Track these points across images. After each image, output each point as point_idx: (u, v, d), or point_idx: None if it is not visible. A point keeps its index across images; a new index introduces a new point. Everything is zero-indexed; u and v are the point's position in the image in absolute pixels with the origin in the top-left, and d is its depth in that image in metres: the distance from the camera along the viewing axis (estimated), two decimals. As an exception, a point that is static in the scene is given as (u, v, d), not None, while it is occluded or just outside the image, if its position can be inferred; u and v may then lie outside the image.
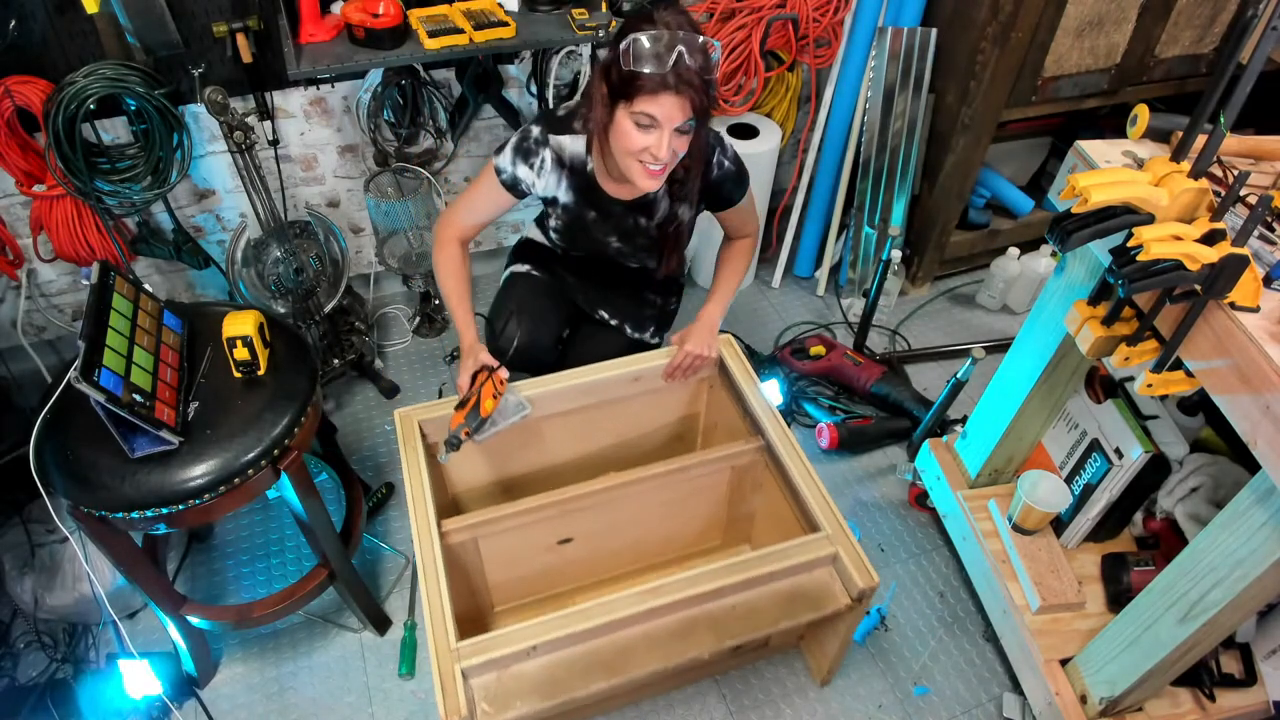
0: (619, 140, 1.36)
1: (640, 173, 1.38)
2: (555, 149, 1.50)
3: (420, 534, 1.41)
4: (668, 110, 1.28)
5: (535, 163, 1.50)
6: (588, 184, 1.53)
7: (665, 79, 1.25)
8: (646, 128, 1.31)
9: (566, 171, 1.52)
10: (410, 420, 1.57)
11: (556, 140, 1.49)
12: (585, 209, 1.57)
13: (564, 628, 1.30)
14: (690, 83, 1.27)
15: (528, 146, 1.50)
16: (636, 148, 1.33)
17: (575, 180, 1.53)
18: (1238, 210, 1.20)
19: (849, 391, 2.38)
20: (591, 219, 1.59)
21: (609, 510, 1.63)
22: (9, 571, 1.79)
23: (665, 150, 1.32)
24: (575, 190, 1.54)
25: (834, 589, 1.43)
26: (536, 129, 1.50)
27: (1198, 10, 2.25)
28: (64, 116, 1.74)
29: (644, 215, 1.59)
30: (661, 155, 1.33)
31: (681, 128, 1.32)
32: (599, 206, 1.57)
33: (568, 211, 1.59)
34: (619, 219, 1.59)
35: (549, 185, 1.53)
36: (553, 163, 1.50)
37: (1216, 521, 1.21)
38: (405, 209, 2.23)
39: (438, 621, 1.28)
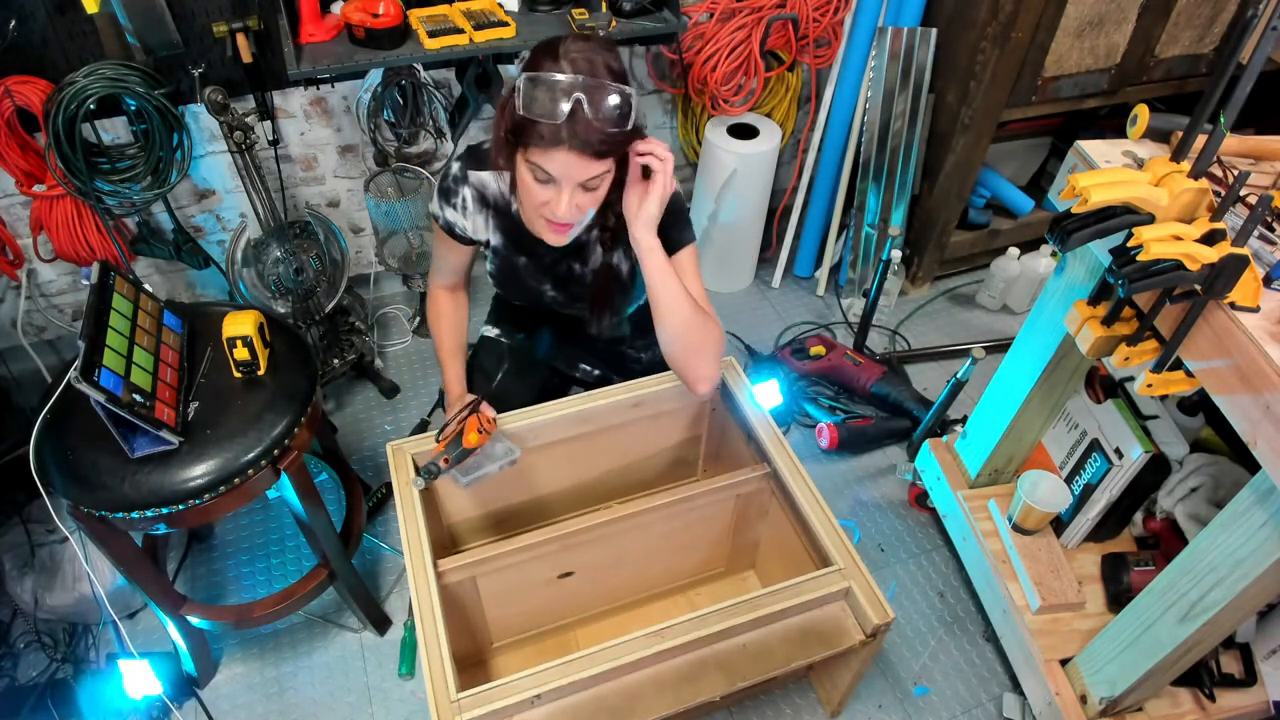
0: (519, 190, 1.20)
1: (544, 228, 1.22)
2: (476, 186, 1.34)
3: (416, 575, 1.35)
4: (563, 166, 1.10)
5: (457, 203, 1.36)
6: (514, 225, 1.36)
7: (558, 133, 1.07)
8: (544, 182, 1.14)
9: (491, 212, 1.37)
10: (403, 453, 1.52)
11: (477, 177, 1.34)
12: (515, 254, 1.42)
13: (568, 675, 1.25)
14: (588, 140, 1.07)
15: (447, 186, 1.35)
16: (535, 202, 1.17)
17: (501, 221, 1.38)
18: (1238, 210, 1.20)
19: (849, 391, 2.38)
20: (522, 265, 1.44)
21: (610, 543, 1.59)
22: (9, 571, 1.79)
23: (565, 208, 1.14)
24: (502, 231, 1.39)
25: (847, 625, 1.39)
26: (456, 165, 1.34)
27: (1198, 10, 2.25)
28: (64, 116, 1.74)
29: (577, 260, 1.44)
30: (560, 213, 1.15)
31: (588, 184, 1.14)
32: (528, 251, 1.41)
33: (498, 255, 1.44)
34: (551, 265, 1.44)
35: (477, 227, 1.38)
36: (475, 202, 1.35)
37: (1216, 521, 1.21)
38: (405, 209, 2.23)
39: (437, 672, 1.24)
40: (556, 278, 1.47)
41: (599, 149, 1.10)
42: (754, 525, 1.74)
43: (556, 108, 1.06)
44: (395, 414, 2.35)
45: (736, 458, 1.73)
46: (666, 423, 1.75)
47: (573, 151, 1.08)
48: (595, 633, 1.80)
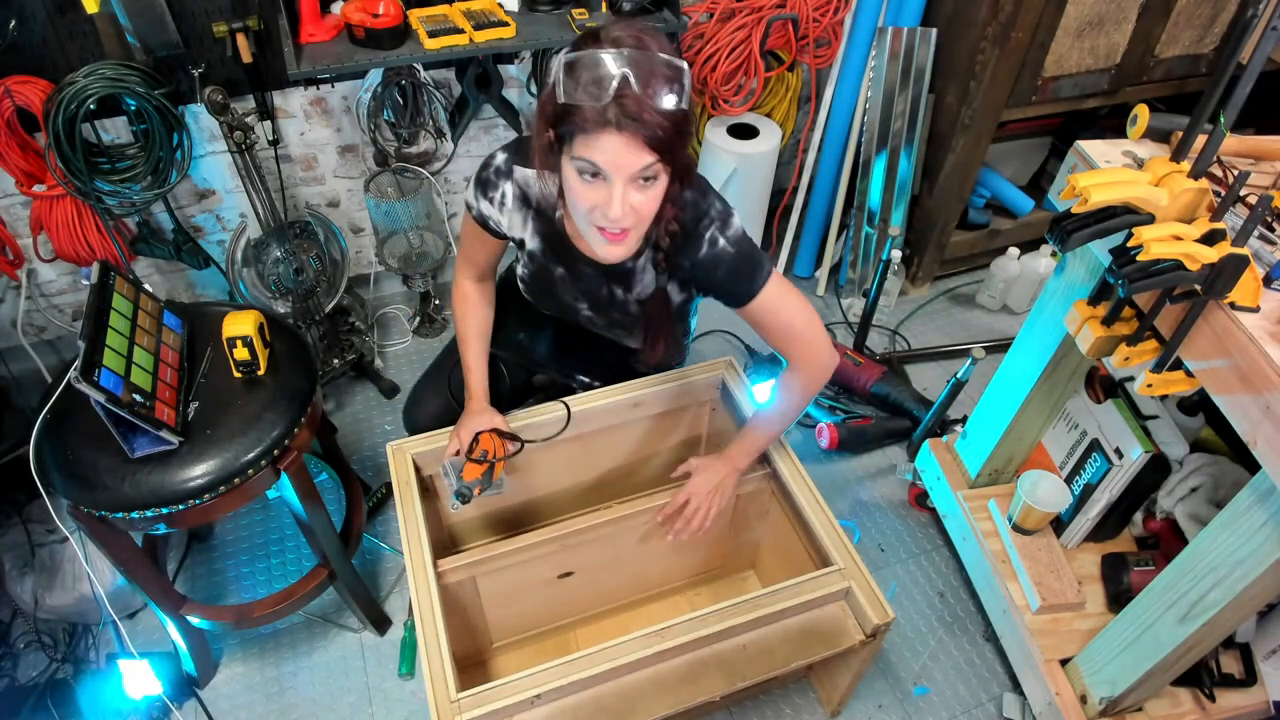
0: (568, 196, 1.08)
1: (597, 239, 1.09)
2: (520, 183, 1.23)
3: (416, 575, 1.35)
4: (612, 154, 0.97)
5: (495, 197, 1.25)
6: (556, 234, 1.25)
7: (604, 113, 0.95)
8: (592, 179, 1.02)
9: (532, 213, 1.25)
10: (403, 453, 1.52)
11: (522, 174, 1.22)
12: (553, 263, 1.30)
13: (568, 675, 1.24)
14: (638, 117, 0.95)
15: (487, 177, 1.25)
16: (586, 206, 1.04)
17: (542, 224, 1.26)
18: (1238, 210, 1.20)
19: (849, 391, 2.38)
20: (559, 276, 1.32)
21: (610, 543, 1.59)
22: (9, 571, 1.79)
23: (618, 207, 1.01)
24: (541, 236, 1.27)
25: (847, 625, 1.39)
26: (502, 157, 1.24)
27: (1198, 10, 2.25)
28: (64, 116, 1.74)
29: (621, 285, 1.31)
30: (614, 214, 1.01)
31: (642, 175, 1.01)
32: (568, 263, 1.29)
33: (534, 261, 1.32)
34: (590, 284, 1.32)
35: (514, 225, 1.27)
36: (515, 199, 1.24)
37: (1216, 521, 1.21)
38: (405, 209, 2.23)
39: (437, 672, 1.24)
40: (596, 300, 1.35)
41: (651, 132, 0.96)
42: (754, 525, 1.74)
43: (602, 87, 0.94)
44: (395, 414, 2.35)
45: (737, 458, 1.73)
46: (666, 423, 1.75)
47: (622, 134, 0.96)
48: (595, 633, 1.80)
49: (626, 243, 1.10)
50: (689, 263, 1.24)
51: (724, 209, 1.25)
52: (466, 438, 1.43)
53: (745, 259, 1.24)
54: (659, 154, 0.99)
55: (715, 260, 1.22)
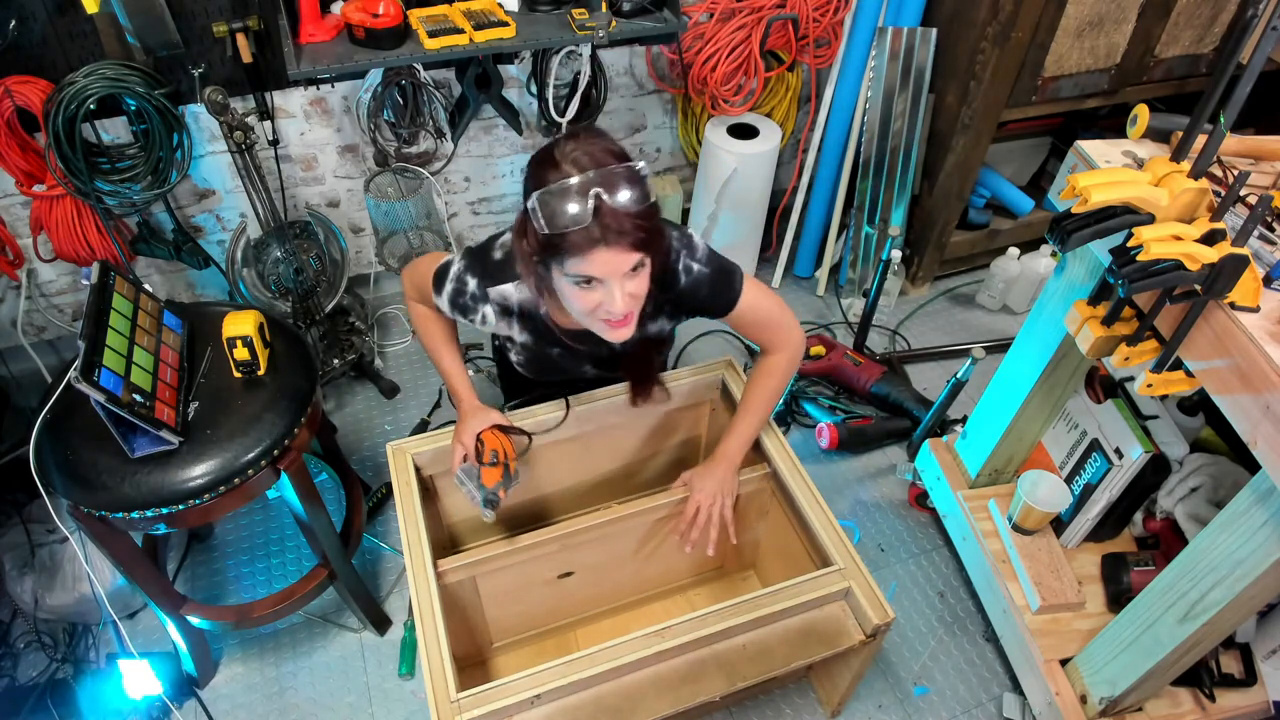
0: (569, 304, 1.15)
1: (604, 329, 1.17)
2: (498, 301, 1.29)
3: (416, 575, 1.35)
4: (605, 265, 1.05)
5: (475, 319, 1.31)
6: (542, 324, 1.33)
7: (590, 234, 1.02)
8: (589, 286, 1.09)
9: (516, 318, 1.32)
10: (403, 453, 1.52)
11: (497, 292, 1.28)
12: (547, 348, 1.38)
13: (568, 675, 1.24)
14: (622, 231, 1.03)
15: (464, 304, 1.30)
16: (589, 308, 1.12)
17: (529, 324, 1.34)
18: (1238, 210, 1.20)
19: (849, 391, 2.38)
20: (557, 355, 1.40)
21: (610, 543, 1.59)
22: (9, 571, 1.79)
23: (620, 303, 1.09)
24: (531, 332, 1.35)
25: (847, 625, 1.39)
26: (472, 283, 1.28)
27: (1198, 10, 2.25)
28: (64, 116, 1.74)
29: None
30: (617, 310, 1.10)
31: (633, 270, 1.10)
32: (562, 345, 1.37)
33: (528, 350, 1.40)
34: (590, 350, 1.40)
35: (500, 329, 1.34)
36: (497, 314, 1.30)
37: (1216, 521, 1.21)
38: (405, 209, 2.23)
39: (437, 672, 1.24)
40: (597, 359, 1.44)
41: (635, 236, 1.05)
42: (754, 525, 1.74)
43: (581, 212, 1.02)
44: (395, 414, 2.35)
45: (737, 458, 1.73)
46: (666, 423, 1.75)
47: (611, 248, 1.04)
48: (595, 633, 1.80)
49: (630, 324, 1.17)
50: (673, 295, 1.32)
51: (682, 235, 1.32)
52: (470, 442, 1.42)
53: (720, 273, 1.32)
54: (643, 250, 1.08)
55: (695, 285, 1.30)
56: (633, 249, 1.06)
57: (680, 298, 1.32)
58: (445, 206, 2.53)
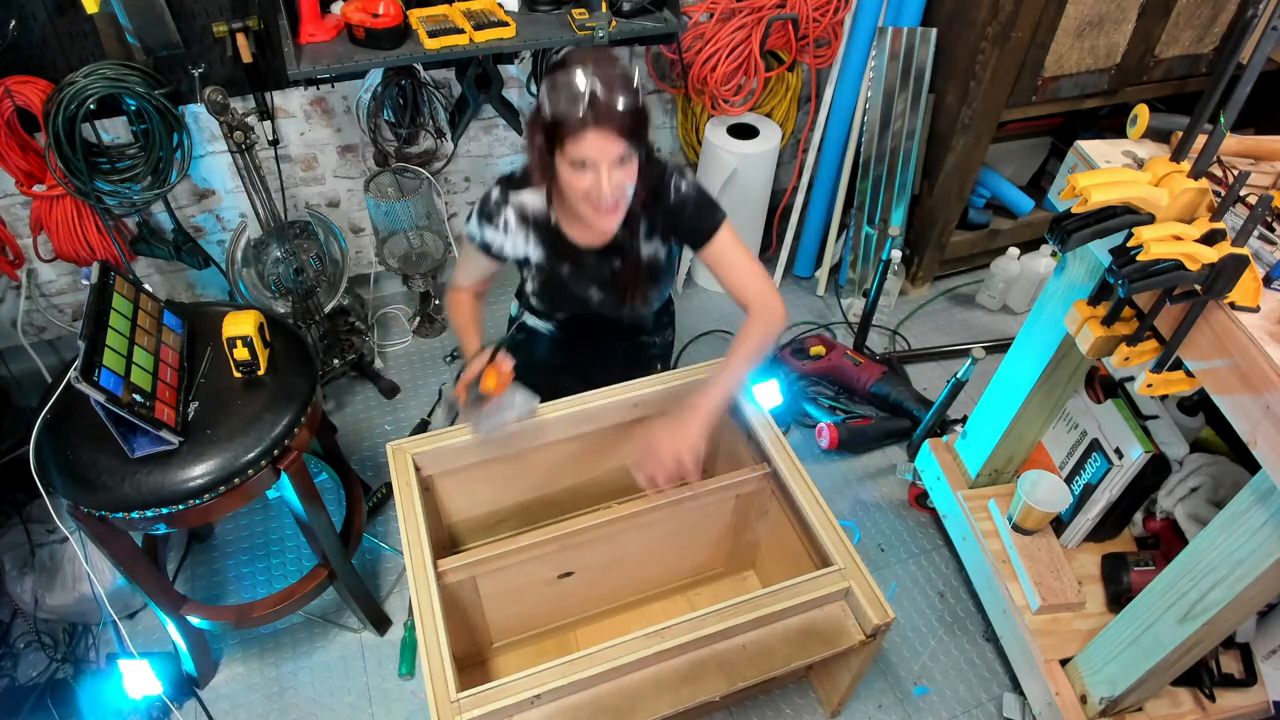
0: (566, 188, 1.35)
1: (593, 215, 1.36)
2: (516, 207, 1.47)
3: (416, 575, 1.36)
4: (596, 149, 1.26)
5: (499, 224, 1.47)
6: (555, 237, 1.50)
7: (584, 119, 1.24)
8: (582, 168, 1.29)
9: (532, 227, 1.49)
10: (403, 453, 1.52)
11: (516, 198, 1.47)
12: (558, 264, 1.53)
13: (568, 675, 1.25)
14: (611, 115, 1.24)
15: (489, 210, 1.48)
16: (581, 191, 1.31)
17: (541, 235, 1.50)
18: (1238, 210, 1.20)
19: (849, 391, 2.38)
20: (566, 274, 1.54)
21: (610, 543, 1.59)
22: (9, 571, 1.79)
23: (606, 186, 1.29)
24: (545, 245, 1.51)
25: (847, 625, 1.39)
26: (496, 191, 1.48)
27: (1198, 10, 2.25)
28: (64, 116, 1.74)
29: (618, 257, 1.53)
30: (604, 192, 1.30)
31: (619, 158, 1.29)
32: (571, 258, 1.52)
33: (541, 271, 1.54)
34: (595, 268, 1.54)
35: (517, 245, 1.50)
36: (517, 221, 1.48)
37: (1216, 521, 1.21)
38: (405, 209, 2.23)
39: (437, 672, 1.24)
40: (601, 280, 1.55)
41: (621, 123, 1.25)
42: (754, 525, 1.74)
43: (578, 98, 1.23)
44: (395, 414, 2.35)
45: (736, 458, 1.73)
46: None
47: (600, 130, 1.24)
48: (595, 633, 1.80)
49: (617, 214, 1.37)
50: (662, 210, 1.47)
51: (678, 165, 1.51)
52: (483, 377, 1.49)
53: (705, 198, 1.49)
54: (628, 140, 1.27)
55: (683, 202, 1.47)
56: (619, 135, 1.25)
57: (669, 214, 1.48)
58: (445, 206, 2.53)
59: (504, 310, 1.93)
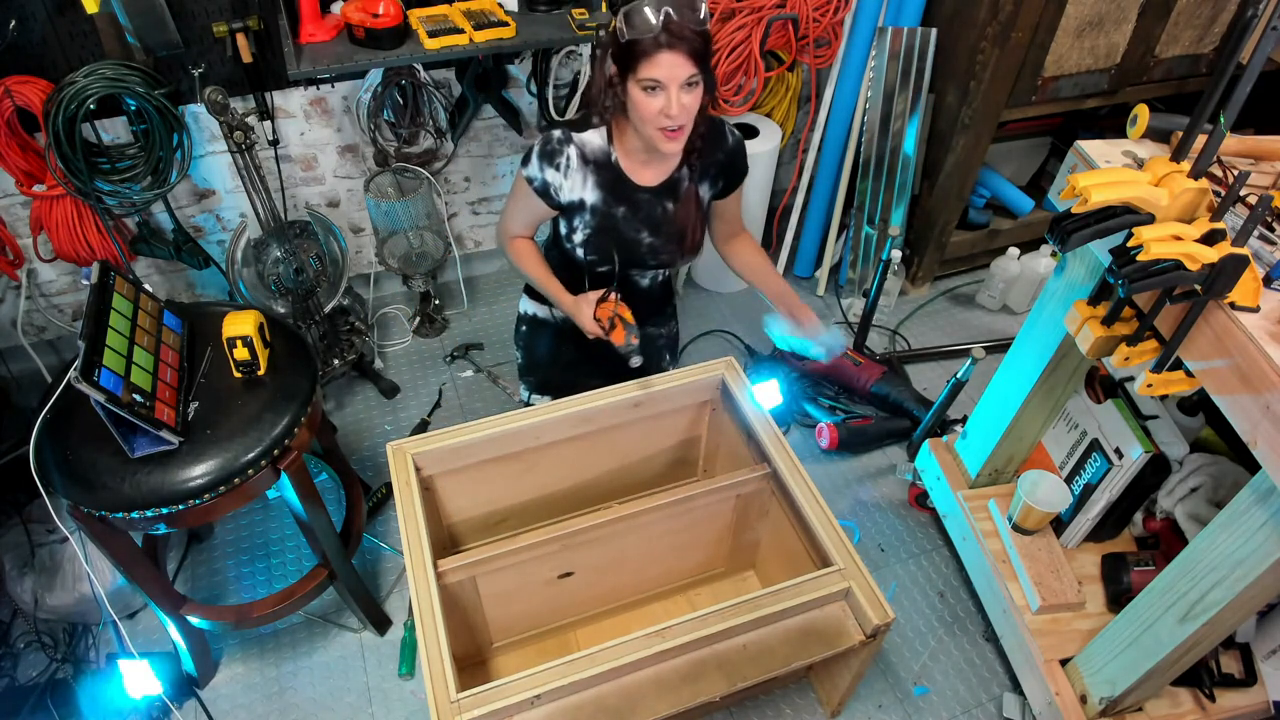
0: (635, 113, 1.41)
1: (660, 138, 1.42)
2: (579, 145, 1.53)
3: (416, 575, 1.36)
4: (668, 69, 1.33)
5: (560, 163, 1.52)
6: (614, 175, 1.55)
7: (658, 39, 1.31)
8: (653, 90, 1.36)
9: (592, 167, 1.54)
10: (403, 453, 1.52)
11: (579, 138, 1.53)
12: (614, 205, 1.57)
13: (568, 675, 1.25)
14: (682, 36, 1.32)
15: (551, 149, 1.53)
16: (651, 113, 1.38)
17: (601, 175, 1.55)
18: (1238, 210, 1.20)
19: (849, 391, 2.38)
20: (621, 215, 1.58)
21: (610, 543, 1.59)
22: (9, 571, 1.79)
23: (675, 106, 1.36)
24: (602, 187, 1.55)
25: (847, 625, 1.39)
26: (558, 132, 1.54)
27: (1198, 10, 2.25)
28: (64, 116, 1.74)
29: (670, 199, 1.60)
30: (674, 113, 1.37)
31: (687, 82, 1.36)
32: (627, 199, 1.57)
33: (595, 213, 1.57)
34: (648, 209, 1.59)
35: (575, 186, 1.54)
36: (578, 160, 1.53)
37: (1216, 521, 1.21)
38: (405, 209, 2.23)
39: (437, 672, 1.24)
40: (653, 222, 1.60)
41: (693, 44, 1.32)
42: (754, 525, 1.74)
43: (653, 21, 1.31)
44: (395, 414, 2.35)
45: (736, 458, 1.73)
46: (667, 423, 1.75)
47: (673, 51, 1.32)
48: (595, 633, 1.80)
49: (682, 137, 1.42)
50: (723, 154, 1.59)
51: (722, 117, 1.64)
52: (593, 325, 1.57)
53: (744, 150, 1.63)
54: (698, 63, 1.34)
55: (738, 146, 1.61)
56: (690, 58, 1.33)
57: (729, 156, 1.59)
58: (445, 206, 2.53)
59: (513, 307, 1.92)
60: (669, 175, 1.56)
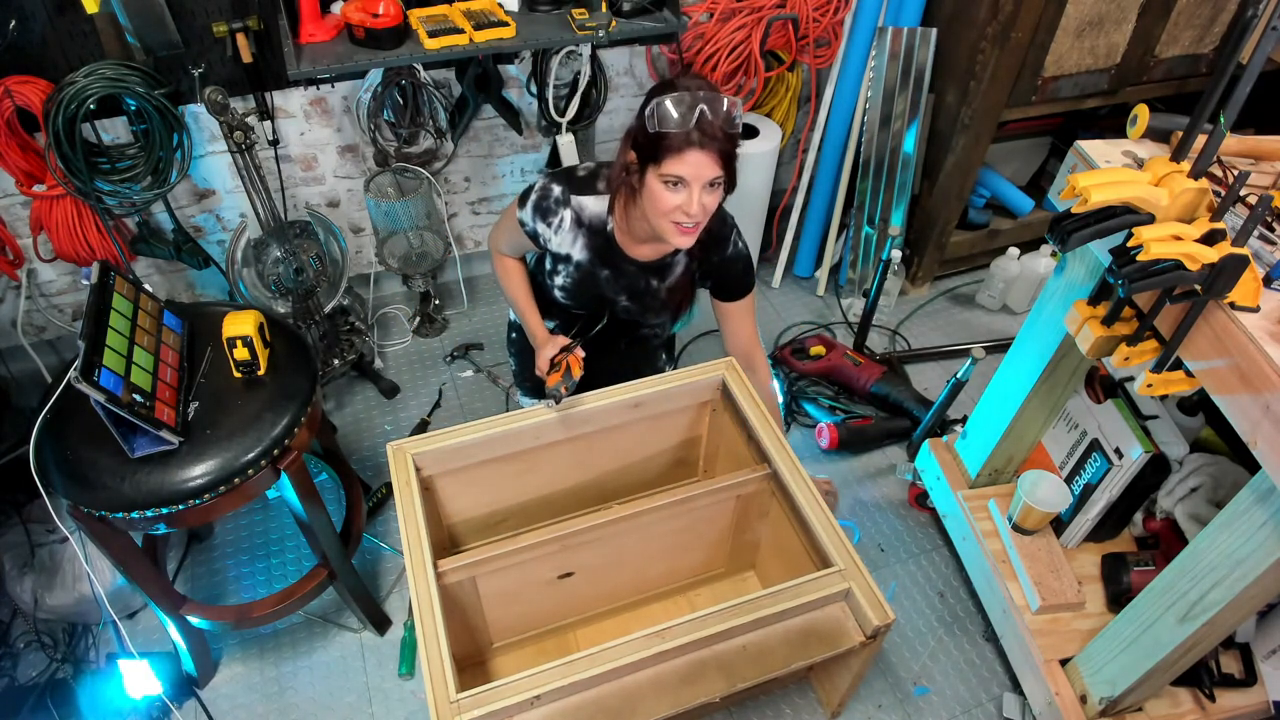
0: (651, 204, 1.39)
1: (673, 231, 1.40)
2: (575, 209, 1.51)
3: (415, 575, 1.35)
4: (695, 168, 1.31)
5: (554, 221, 1.52)
6: (606, 244, 1.55)
7: (689, 136, 1.29)
8: (675, 186, 1.34)
9: (585, 231, 1.53)
10: (403, 453, 1.51)
11: (578, 200, 1.51)
12: (599, 267, 1.58)
13: (568, 676, 1.24)
14: (714, 137, 1.30)
15: (548, 206, 1.52)
16: (669, 208, 1.36)
17: (593, 240, 1.54)
18: (1238, 210, 1.20)
19: (849, 391, 2.38)
20: (604, 277, 1.59)
21: (610, 543, 1.59)
22: (9, 571, 1.79)
23: (696, 206, 1.34)
24: (592, 250, 1.55)
25: (847, 626, 1.39)
26: (558, 189, 1.52)
27: (1198, 10, 2.25)
28: (64, 116, 1.74)
29: (656, 277, 1.60)
30: (693, 211, 1.35)
31: (711, 182, 1.34)
32: (614, 266, 1.57)
33: (579, 269, 1.58)
34: (632, 279, 1.59)
35: (564, 243, 1.54)
36: (571, 223, 1.52)
37: (1216, 521, 1.21)
38: (405, 209, 2.23)
39: (437, 672, 1.23)
40: (634, 291, 1.61)
41: (723, 147, 1.31)
42: (754, 526, 1.74)
43: (686, 118, 1.29)
44: (395, 414, 2.35)
45: (736, 458, 1.73)
46: (667, 423, 1.75)
47: (702, 151, 1.30)
48: (595, 633, 1.80)
49: (695, 234, 1.41)
50: (718, 258, 1.58)
51: (734, 222, 1.59)
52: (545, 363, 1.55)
53: (749, 262, 1.62)
54: (724, 165, 1.34)
55: (736, 257, 1.59)
56: (718, 159, 1.31)
57: (723, 262, 1.58)
58: (445, 206, 2.53)
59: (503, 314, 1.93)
60: (662, 257, 1.55)
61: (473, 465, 1.60)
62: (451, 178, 2.49)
